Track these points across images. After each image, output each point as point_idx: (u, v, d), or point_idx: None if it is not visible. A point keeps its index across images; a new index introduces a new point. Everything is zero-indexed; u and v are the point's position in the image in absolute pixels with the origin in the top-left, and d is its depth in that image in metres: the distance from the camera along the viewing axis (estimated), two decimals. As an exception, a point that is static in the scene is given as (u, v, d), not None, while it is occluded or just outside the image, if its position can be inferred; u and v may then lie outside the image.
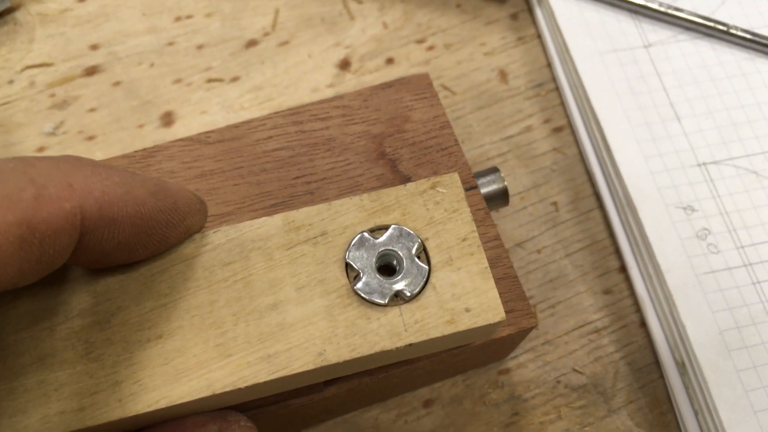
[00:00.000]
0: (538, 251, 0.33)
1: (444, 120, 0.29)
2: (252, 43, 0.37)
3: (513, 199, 0.34)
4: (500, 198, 0.28)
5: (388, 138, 0.28)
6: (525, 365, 0.31)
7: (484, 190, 0.28)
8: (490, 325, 0.21)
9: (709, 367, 0.29)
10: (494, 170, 0.28)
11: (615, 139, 0.33)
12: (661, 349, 0.31)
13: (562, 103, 0.36)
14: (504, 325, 0.25)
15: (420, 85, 0.29)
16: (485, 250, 0.26)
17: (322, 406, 0.26)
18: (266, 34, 0.37)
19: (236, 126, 0.28)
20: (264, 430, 0.26)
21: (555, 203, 0.34)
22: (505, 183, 0.28)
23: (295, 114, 0.29)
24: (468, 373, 0.31)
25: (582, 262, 0.33)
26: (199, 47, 0.37)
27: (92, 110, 0.35)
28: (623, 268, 0.33)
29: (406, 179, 0.28)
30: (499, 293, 0.26)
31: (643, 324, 0.32)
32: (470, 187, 0.28)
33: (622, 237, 0.33)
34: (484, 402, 0.30)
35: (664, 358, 0.31)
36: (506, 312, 0.26)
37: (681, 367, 0.30)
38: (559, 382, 0.31)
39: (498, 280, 0.26)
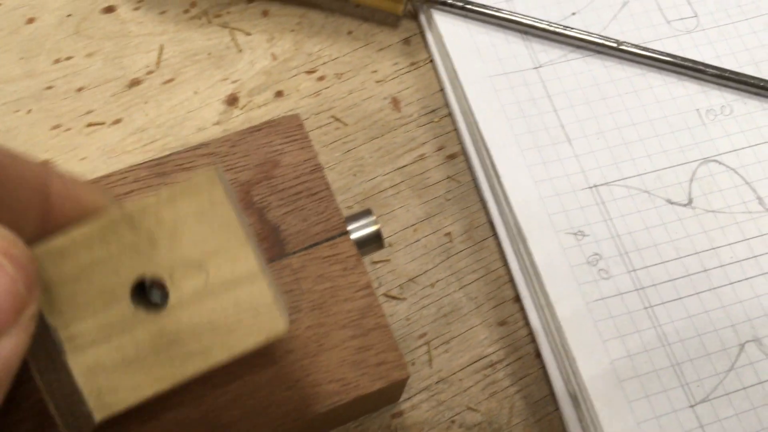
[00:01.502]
0: (432, 285, 0.33)
1: (315, 163, 0.28)
2: (135, 83, 0.36)
3: (406, 232, 0.34)
4: (374, 242, 0.27)
5: (257, 185, 0.27)
6: (419, 406, 0.30)
7: (356, 235, 0.27)
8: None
9: (600, 399, 0.29)
10: (367, 213, 0.27)
11: (504, 165, 0.33)
12: (555, 381, 0.30)
13: (455, 130, 0.36)
14: (375, 379, 0.25)
15: (290, 127, 0.28)
16: (356, 300, 0.26)
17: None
18: (150, 72, 0.36)
19: (95, 181, 0.27)
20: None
21: (449, 234, 0.34)
22: (379, 226, 0.27)
23: (159, 165, 0.27)
24: (361, 419, 0.30)
25: (476, 294, 0.33)
26: (80, 90, 0.36)
27: (-34, 163, 0.34)
28: (517, 298, 0.32)
29: (274, 229, 0.27)
30: (369, 345, 0.25)
31: (539, 355, 0.31)
32: (341, 233, 0.27)
33: (515, 266, 0.32)
34: (379, 446, 0.30)
35: (558, 390, 0.30)
36: (377, 365, 0.25)
37: (574, 399, 0.30)
38: (453, 422, 0.30)
39: (368, 332, 0.25)
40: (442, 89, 0.37)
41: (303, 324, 0.25)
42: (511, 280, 0.33)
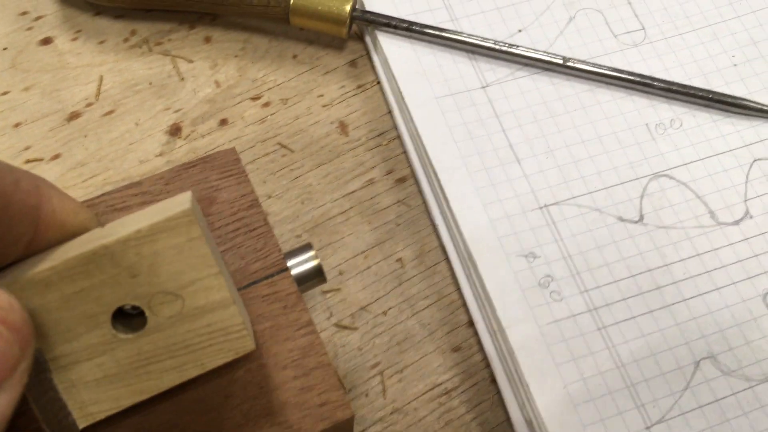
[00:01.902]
0: (384, 313, 0.32)
1: (252, 198, 0.27)
2: (74, 116, 0.35)
3: (357, 259, 0.33)
4: (315, 277, 0.26)
5: (192, 224, 0.27)
6: (373, 439, 0.30)
7: (296, 271, 0.26)
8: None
9: (554, 425, 0.28)
10: (307, 248, 0.27)
11: (452, 188, 0.32)
12: (510, 407, 0.30)
13: (404, 152, 0.35)
14: (317, 420, 0.24)
15: (226, 162, 0.28)
16: (297, 338, 0.25)
17: None
18: (89, 105, 0.35)
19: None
20: None
21: (400, 259, 0.33)
22: (318, 261, 0.26)
23: (91, 206, 0.27)
24: (314, 455, 0.29)
25: (429, 320, 0.32)
26: (16, 125, 0.35)
27: None
28: (471, 323, 0.32)
29: (212, 267, 0.26)
30: (312, 385, 0.24)
31: (494, 380, 0.31)
32: (281, 270, 0.26)
33: (468, 290, 0.32)
34: (334, 482, 0.29)
35: (514, 416, 0.30)
36: (320, 405, 0.24)
37: (530, 425, 0.29)
38: (408, 454, 0.30)
39: (310, 371, 0.25)
40: (389, 111, 0.36)
41: (242, 367, 0.24)
42: (465, 304, 0.32)
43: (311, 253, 0.27)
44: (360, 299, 0.32)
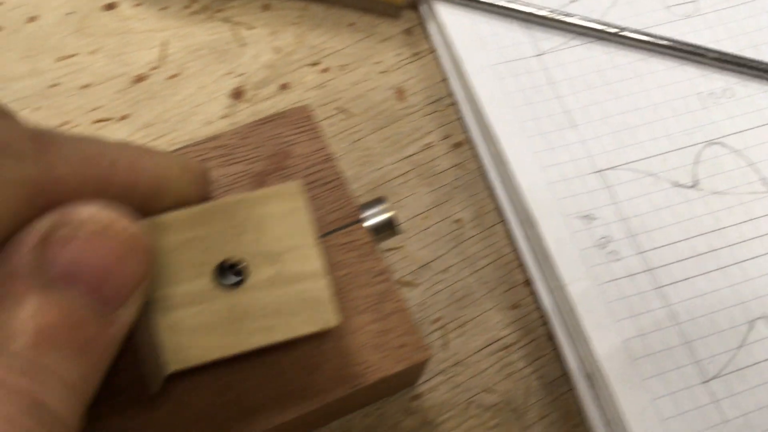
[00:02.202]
0: (444, 270, 0.33)
1: (326, 153, 0.28)
2: (140, 79, 0.36)
3: (416, 220, 0.34)
4: (388, 229, 0.27)
5: (270, 176, 0.28)
6: (436, 388, 0.31)
7: (370, 223, 0.27)
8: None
9: (615, 377, 0.29)
10: (380, 201, 0.28)
11: (511, 151, 0.33)
12: (569, 362, 0.31)
13: (460, 118, 0.36)
14: (396, 361, 0.25)
15: (300, 119, 0.29)
16: (374, 285, 0.26)
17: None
18: (154, 68, 0.36)
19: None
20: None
21: (459, 220, 0.34)
22: (392, 213, 0.27)
23: (173, 158, 0.28)
24: (379, 402, 0.30)
25: (488, 279, 0.33)
26: (85, 87, 0.36)
27: (-27, 162, 0.34)
28: (528, 282, 0.33)
29: (290, 217, 0.27)
30: (389, 328, 0.25)
31: (551, 337, 0.32)
32: (355, 221, 0.27)
33: (526, 250, 0.33)
34: (397, 431, 0.30)
35: (572, 370, 0.30)
36: (398, 347, 0.25)
37: (589, 378, 0.30)
38: (471, 402, 0.30)
39: (387, 316, 0.26)
40: (445, 79, 0.37)
41: (322, 310, 0.25)
42: (522, 264, 0.33)
43: (384, 206, 0.27)
44: (420, 257, 0.33)
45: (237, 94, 0.36)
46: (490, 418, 0.30)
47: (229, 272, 0.22)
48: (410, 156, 0.35)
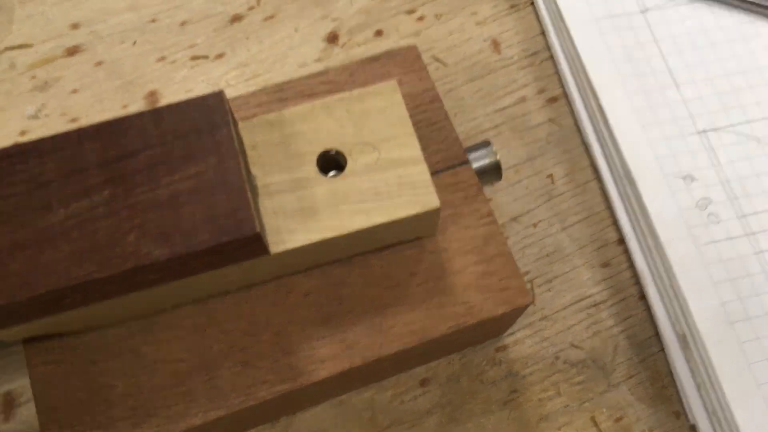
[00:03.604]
0: (534, 225, 0.32)
1: (433, 93, 0.28)
2: (236, 18, 0.36)
3: (508, 173, 0.33)
4: (493, 173, 0.27)
5: (376, 113, 0.27)
6: (522, 341, 0.30)
7: (475, 165, 0.27)
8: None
9: (712, 339, 0.28)
10: (486, 144, 0.27)
11: (611, 107, 0.32)
12: (661, 323, 0.30)
13: (557, 73, 0.35)
14: (499, 303, 0.25)
15: (408, 58, 0.28)
16: (478, 227, 0.26)
17: (315, 388, 0.25)
18: (251, 9, 0.36)
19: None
20: (258, 412, 0.25)
21: (551, 176, 0.33)
22: (498, 157, 0.27)
23: (280, 91, 0.28)
24: (464, 351, 0.30)
25: (579, 235, 0.32)
26: (183, 24, 0.36)
27: (74, 91, 0.34)
28: (621, 241, 0.32)
29: (395, 155, 0.27)
30: (493, 271, 0.25)
31: (643, 297, 0.31)
32: (461, 162, 0.27)
33: (620, 208, 0.32)
34: (481, 380, 0.30)
35: (664, 331, 0.30)
36: (501, 290, 0.25)
37: (682, 340, 0.29)
38: (557, 357, 0.30)
39: (491, 258, 0.25)
40: (543, 32, 0.36)
41: (426, 248, 0.25)
42: (615, 222, 0.32)
43: (491, 149, 0.27)
44: (511, 210, 0.33)
45: (332, 38, 0.36)
46: (576, 374, 0.30)
47: (331, 162, 0.23)
48: (504, 108, 0.35)
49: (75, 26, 0.36)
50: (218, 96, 0.22)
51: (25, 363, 0.24)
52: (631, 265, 0.32)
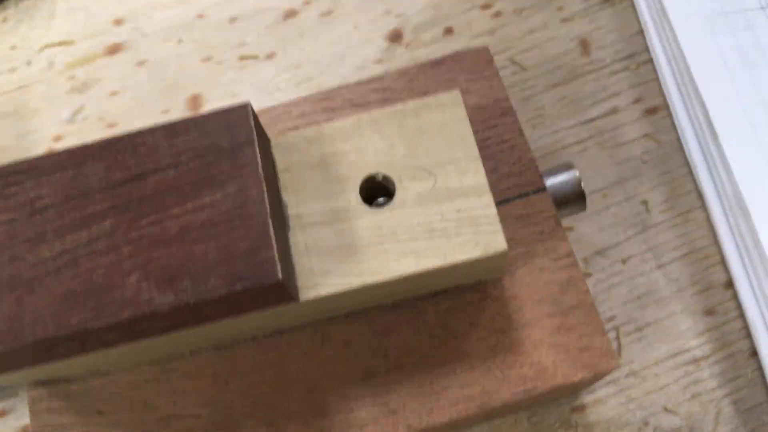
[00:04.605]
0: (623, 261, 0.27)
1: (506, 105, 0.23)
2: (291, 14, 0.33)
3: (594, 197, 0.29)
4: (575, 202, 0.22)
5: (437, 128, 0.23)
6: (604, 401, 0.26)
7: (554, 193, 0.22)
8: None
9: None
10: (568, 167, 0.23)
11: (723, 123, 0.27)
12: (778, 388, 0.25)
13: (657, 79, 0.30)
14: (577, 367, 0.20)
15: (478, 62, 0.24)
16: (555, 270, 0.21)
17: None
18: (307, 3, 0.33)
19: (258, 113, 0.24)
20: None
21: (645, 202, 0.28)
22: (582, 184, 0.22)
23: (327, 99, 0.24)
24: (534, 409, 0.26)
25: (678, 275, 0.27)
26: (232, 20, 0.33)
27: (114, 93, 0.31)
28: (730, 284, 0.27)
29: (457, 179, 0.23)
30: (571, 325, 0.21)
31: (755, 353, 0.26)
32: (537, 189, 0.22)
33: (730, 245, 0.27)
34: (552, 443, 0.25)
35: (782, 399, 0.25)
36: (581, 350, 0.20)
37: (805, 412, 0.24)
38: (647, 423, 0.25)
39: (569, 310, 0.21)
40: (642, 30, 0.31)
41: (490, 294, 0.21)
42: (723, 261, 0.27)
43: (574, 173, 0.22)
44: (596, 242, 0.28)
45: (395, 37, 0.32)
46: (669, 442, 0.25)
47: (377, 188, 0.20)
48: (591, 120, 0.30)
49: (118, 22, 0.33)
50: (243, 109, 0.18)
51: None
52: (741, 314, 0.26)
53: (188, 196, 0.18)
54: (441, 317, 0.21)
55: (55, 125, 0.31)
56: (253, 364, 0.21)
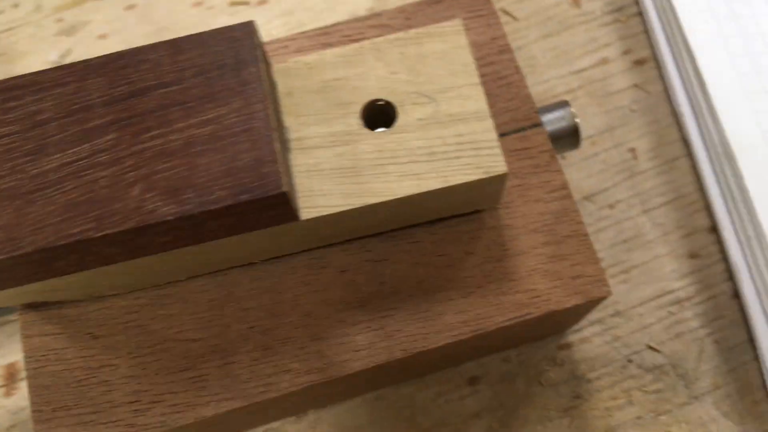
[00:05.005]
0: (611, 206, 0.28)
1: (503, 43, 0.24)
2: (283, -39, 0.32)
3: (583, 144, 0.29)
4: (570, 138, 0.23)
5: (434, 63, 0.23)
6: (590, 340, 0.26)
7: (550, 129, 0.23)
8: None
9: (822, 351, 0.24)
10: (563, 105, 0.23)
11: (711, 72, 0.28)
12: (757, 326, 0.26)
13: (646, 31, 0.31)
14: (570, 293, 0.21)
15: (476, 1, 0.24)
16: (549, 201, 0.22)
17: (348, 381, 0.22)
18: (299, -50, 0.33)
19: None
20: (280, 405, 0.22)
21: (633, 150, 0.29)
22: (577, 120, 0.23)
23: (324, 35, 0.24)
24: (521, 348, 0.26)
25: (663, 220, 0.28)
26: (224, -35, 0.32)
27: (102, 37, 0.31)
28: (714, 228, 0.27)
29: (454, 113, 0.23)
30: (564, 254, 0.21)
31: (737, 295, 0.27)
32: (533, 125, 0.23)
33: (715, 191, 0.27)
34: (540, 381, 0.26)
35: (761, 336, 0.25)
36: (573, 277, 0.21)
37: (784, 349, 0.25)
38: (630, 361, 0.26)
39: (563, 239, 0.21)
40: (631, -16, 0.31)
41: (486, 223, 0.21)
42: (708, 207, 0.28)
43: (568, 110, 0.23)
44: (584, 187, 0.28)
45: (388, -14, 0.32)
46: (652, 381, 0.26)
47: (378, 114, 0.20)
48: (581, 71, 0.30)
49: (107, -36, 0.32)
50: (248, 26, 0.18)
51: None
52: (725, 258, 0.27)
53: (192, 111, 0.18)
54: (437, 246, 0.21)
55: (43, 68, 0.30)
56: (249, 290, 0.21)
